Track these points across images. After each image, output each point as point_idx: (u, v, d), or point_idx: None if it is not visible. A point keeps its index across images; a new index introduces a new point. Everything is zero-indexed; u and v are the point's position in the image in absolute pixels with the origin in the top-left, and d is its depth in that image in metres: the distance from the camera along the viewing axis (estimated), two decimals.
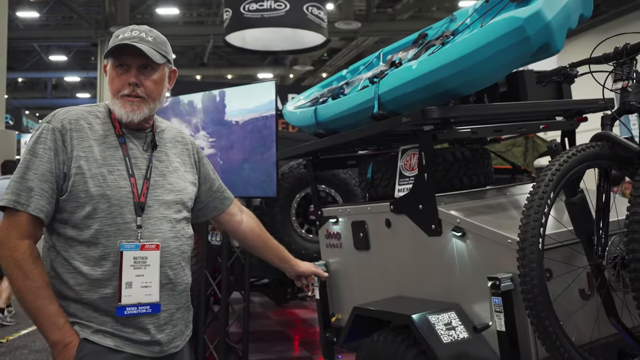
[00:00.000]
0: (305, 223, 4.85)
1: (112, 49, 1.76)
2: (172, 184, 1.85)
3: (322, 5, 11.75)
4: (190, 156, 1.98)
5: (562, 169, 1.92)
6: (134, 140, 1.83)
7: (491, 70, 2.30)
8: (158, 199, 1.80)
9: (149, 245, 1.73)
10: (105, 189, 1.71)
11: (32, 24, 24.95)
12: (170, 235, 1.80)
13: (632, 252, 1.74)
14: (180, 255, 1.83)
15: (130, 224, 1.73)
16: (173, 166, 1.89)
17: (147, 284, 1.73)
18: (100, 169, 1.73)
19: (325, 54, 24.59)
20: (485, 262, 2.33)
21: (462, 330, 2.36)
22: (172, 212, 1.82)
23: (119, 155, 1.77)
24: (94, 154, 1.73)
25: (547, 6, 2.12)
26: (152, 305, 1.74)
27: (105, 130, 1.79)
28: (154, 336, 1.75)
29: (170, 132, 1.96)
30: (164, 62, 1.82)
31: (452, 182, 2.77)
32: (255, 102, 4.11)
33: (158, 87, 1.81)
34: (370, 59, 3.42)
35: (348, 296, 3.20)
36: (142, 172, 1.79)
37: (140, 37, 1.77)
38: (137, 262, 1.72)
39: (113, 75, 1.78)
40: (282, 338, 6.16)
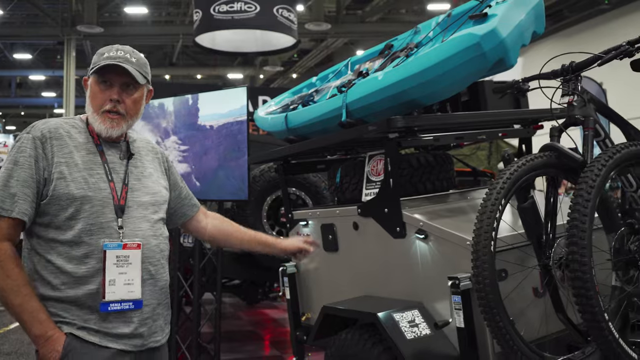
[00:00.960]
0: (276, 225, 4.95)
1: (100, 67, 1.85)
2: (148, 187, 1.96)
3: (292, 7, 11.84)
4: (160, 164, 2.09)
5: (513, 177, 2.08)
6: (111, 150, 1.93)
7: (451, 82, 2.45)
8: (136, 200, 1.90)
9: (131, 244, 1.83)
10: (87, 190, 1.81)
11: None
12: (150, 233, 1.90)
13: (571, 254, 1.91)
14: (160, 253, 1.93)
15: (111, 223, 1.82)
16: (148, 171, 2.00)
17: (130, 281, 1.82)
18: (81, 172, 1.82)
19: (296, 55, 24.65)
20: (446, 262, 2.47)
21: (424, 327, 2.49)
22: (150, 213, 1.93)
23: (98, 161, 1.88)
24: (74, 159, 1.83)
25: (502, 24, 2.28)
26: (134, 302, 1.83)
27: (83, 138, 1.89)
28: (136, 329, 1.83)
29: (141, 142, 2.08)
30: (145, 82, 1.94)
31: (416, 186, 2.90)
32: (227, 107, 4.20)
33: (137, 105, 1.94)
34: (339, 67, 3.55)
35: (317, 296, 3.32)
36: (120, 177, 1.90)
37: (125, 58, 1.88)
38: (120, 260, 1.80)
39: (96, 90, 1.88)
40: (253, 338, 6.25)
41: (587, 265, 1.87)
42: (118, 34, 23.80)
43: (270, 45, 12.57)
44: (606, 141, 2.34)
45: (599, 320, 1.88)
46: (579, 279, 1.88)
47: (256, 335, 6.40)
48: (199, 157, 4.33)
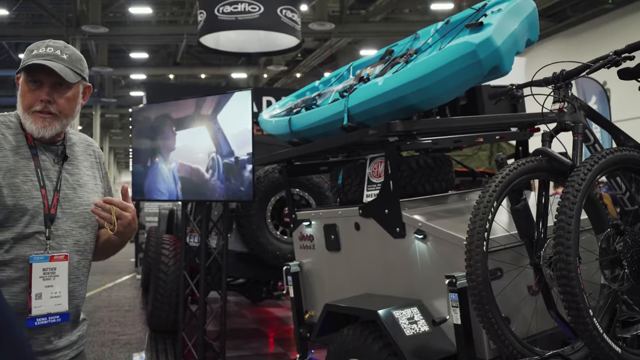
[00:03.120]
0: (279, 225, 5.06)
1: (26, 66, 1.75)
2: (82, 198, 1.85)
3: (296, 8, 11.90)
4: (99, 169, 1.99)
5: (505, 181, 2.17)
6: (46, 153, 1.82)
7: (448, 89, 2.54)
8: (67, 211, 1.80)
9: (58, 256, 1.74)
10: (19, 199, 1.70)
11: (1, 22, 24.56)
12: (75, 249, 1.81)
13: (558, 253, 2.00)
14: (81, 270, 1.84)
15: (38, 234, 1.73)
16: (83, 180, 1.89)
17: (57, 294, 1.74)
18: (14, 179, 1.71)
19: (299, 55, 24.73)
20: (443, 261, 2.56)
21: (423, 324, 2.59)
22: (79, 226, 1.83)
23: (32, 166, 1.76)
24: (9, 163, 1.72)
25: (497, 33, 2.37)
26: (61, 315, 1.75)
27: (17, 140, 1.77)
28: (40, 347, 1.73)
29: (82, 145, 1.96)
30: (79, 80, 1.82)
31: (415, 188, 2.99)
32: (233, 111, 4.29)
33: (71, 104, 1.81)
34: (341, 71, 3.64)
35: (320, 294, 3.41)
36: (52, 183, 1.79)
37: (55, 55, 1.76)
38: (47, 273, 1.72)
39: (25, 90, 1.77)
40: (257, 335, 6.35)
41: (572, 264, 1.96)
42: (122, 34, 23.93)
43: (274, 46, 12.63)
44: (595, 146, 2.42)
45: (584, 317, 1.97)
46: (565, 277, 1.97)
47: (260, 333, 6.50)
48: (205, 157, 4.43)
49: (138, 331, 6.33)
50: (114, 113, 33.07)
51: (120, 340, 5.90)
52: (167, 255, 5.58)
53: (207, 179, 4.42)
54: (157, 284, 5.55)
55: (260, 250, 4.97)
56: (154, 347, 5.68)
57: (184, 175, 4.55)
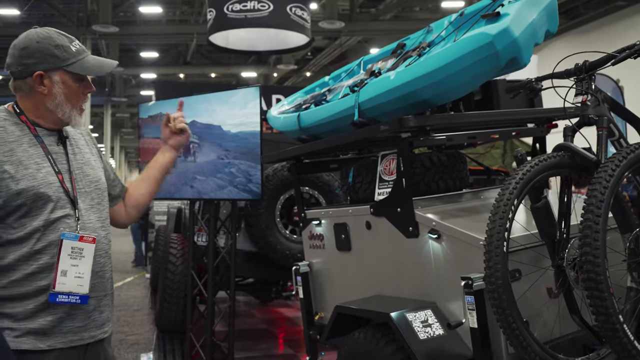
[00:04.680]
0: (289, 224, 4.97)
1: (89, 66, 1.85)
2: (90, 175, 1.92)
3: (306, 6, 11.83)
4: (93, 146, 2.04)
5: (526, 178, 2.07)
6: (49, 137, 1.86)
7: (463, 82, 2.44)
8: (82, 191, 1.87)
9: (87, 238, 1.81)
10: (38, 187, 1.75)
11: (12, 22, 24.66)
12: (99, 225, 1.89)
13: (585, 255, 1.89)
14: (107, 244, 1.92)
15: (67, 217, 1.79)
16: (86, 158, 1.95)
17: (80, 275, 1.79)
18: (27, 169, 1.75)
19: (309, 53, 24.66)
20: (459, 262, 2.46)
21: (437, 327, 2.49)
22: (96, 203, 1.91)
23: (41, 153, 1.81)
24: (17, 156, 1.76)
25: (515, 23, 2.26)
26: (81, 297, 1.80)
27: (19, 130, 1.81)
28: (84, 323, 1.83)
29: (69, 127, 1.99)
30: None
31: (429, 185, 2.89)
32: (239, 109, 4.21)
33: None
34: (352, 66, 3.54)
35: (330, 295, 3.32)
36: (64, 166, 1.85)
37: (87, 52, 1.89)
38: (74, 252, 1.77)
39: (74, 86, 1.85)
40: (266, 336, 6.28)
41: (600, 266, 1.85)
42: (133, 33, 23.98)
43: (283, 44, 12.56)
44: (620, 141, 2.31)
45: (613, 322, 1.86)
46: (593, 280, 1.86)
47: (270, 334, 6.43)
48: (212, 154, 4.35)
49: (146, 331, 6.28)
50: (125, 112, 33.18)
51: (128, 340, 5.85)
52: (175, 255, 5.51)
53: (215, 177, 4.34)
54: (165, 284, 5.49)
55: (269, 250, 4.89)
56: (161, 347, 5.62)
57: (190, 173, 4.48)
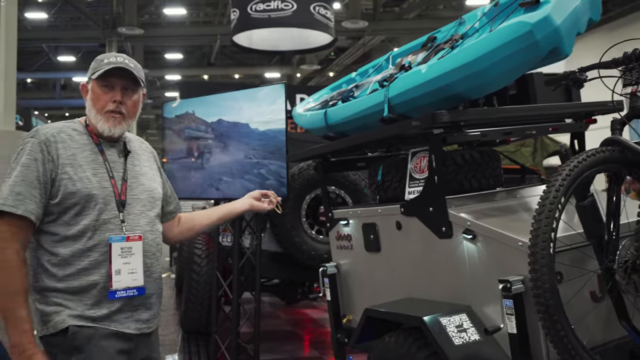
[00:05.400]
0: (315, 224, 4.88)
1: (106, 70, 1.99)
2: (145, 185, 2.11)
3: (329, 5, 11.75)
4: (154, 162, 2.25)
5: (573, 174, 1.94)
6: (110, 149, 2.08)
7: (500, 74, 2.32)
8: (135, 197, 2.06)
9: (133, 237, 1.99)
10: (92, 189, 1.95)
11: (40, 25, 25.06)
12: (148, 228, 2.07)
13: None
14: (156, 247, 2.10)
15: (114, 219, 1.98)
16: (144, 170, 2.15)
17: (133, 270, 1.99)
18: (85, 172, 1.96)
19: (333, 53, 24.59)
20: (496, 264, 2.35)
21: (473, 332, 2.37)
22: (147, 209, 2.09)
23: (100, 160, 2.02)
24: (78, 160, 1.97)
25: (556, 11, 2.14)
26: (138, 289, 2.00)
27: (84, 140, 2.03)
28: (132, 316, 2.00)
29: (136, 142, 2.22)
30: (142, 86, 2.09)
31: (462, 184, 2.78)
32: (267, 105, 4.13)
33: (135, 107, 2.09)
34: (380, 61, 3.44)
35: (359, 297, 3.23)
36: (120, 174, 2.05)
37: (125, 63, 2.02)
38: (124, 252, 1.97)
39: (99, 93, 2.02)
40: (292, 338, 6.20)
41: None
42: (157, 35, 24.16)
43: (307, 44, 12.52)
44: None
45: None
46: None
47: (296, 335, 6.35)
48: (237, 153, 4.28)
49: (171, 332, 6.25)
50: (150, 114, 33.48)
51: None
52: (200, 255, 5.46)
53: (242, 178, 4.27)
54: (189, 285, 5.44)
55: (295, 250, 4.81)
56: (187, 348, 5.58)
57: (216, 173, 4.42)
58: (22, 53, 26.21)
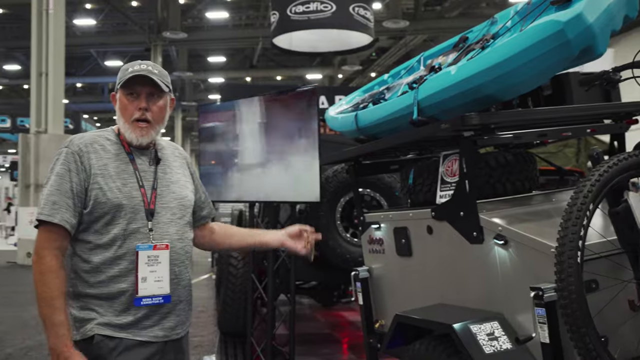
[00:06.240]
0: (350, 227, 4.84)
1: (128, 78, 2.02)
2: (175, 193, 2.13)
3: (369, 5, 11.71)
4: (187, 168, 2.26)
5: (603, 179, 1.86)
6: (141, 157, 2.11)
7: (531, 75, 2.25)
8: (164, 206, 2.08)
9: (160, 245, 2.02)
10: (121, 199, 1.99)
11: (88, 31, 25.79)
12: (176, 237, 2.09)
13: None
14: (185, 255, 2.12)
15: (142, 228, 2.01)
16: (175, 177, 2.17)
17: (159, 279, 2.01)
18: (115, 182, 2.01)
19: (374, 54, 24.49)
20: (528, 271, 2.27)
21: (505, 341, 2.30)
22: (177, 217, 2.11)
23: (130, 170, 2.06)
24: (109, 170, 2.02)
25: (589, 9, 2.05)
26: (164, 297, 2.03)
27: (116, 149, 2.08)
28: (160, 323, 2.03)
29: (169, 148, 2.24)
30: (167, 91, 2.10)
31: (495, 187, 2.71)
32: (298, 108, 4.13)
33: (162, 113, 2.11)
34: (412, 62, 3.39)
35: (391, 302, 3.18)
36: (150, 183, 2.08)
37: (148, 70, 2.05)
38: (151, 260, 2.00)
39: (125, 102, 2.06)
40: (329, 340, 6.18)
41: None
42: (201, 39, 24.55)
43: (346, 44, 12.52)
44: None
45: None
46: None
47: (332, 338, 6.32)
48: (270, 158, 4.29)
49: (210, 333, 6.31)
50: (194, 116, 34.05)
51: (192, 342, 5.88)
52: (236, 258, 5.50)
53: (274, 179, 4.28)
54: (226, 287, 5.49)
55: (329, 253, 4.79)
56: (224, 350, 5.62)
57: (251, 176, 4.44)
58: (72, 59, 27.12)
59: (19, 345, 5.82)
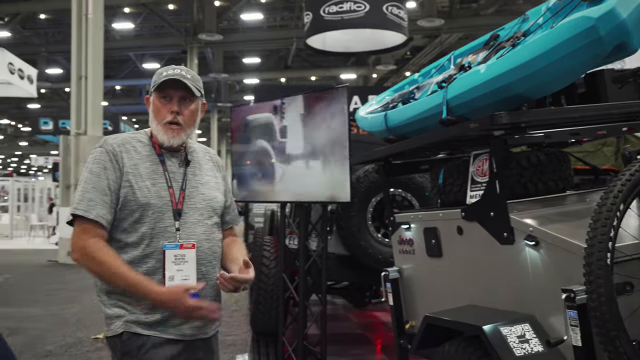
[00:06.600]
0: (381, 227, 4.82)
1: (161, 82, 2.07)
2: (204, 194, 2.16)
3: (402, 5, 11.62)
4: (218, 171, 2.29)
5: (634, 179, 1.81)
6: (171, 159, 2.14)
7: (562, 73, 2.20)
8: (192, 206, 2.11)
9: (186, 245, 2.04)
10: (150, 198, 2.03)
11: (127, 35, 26.31)
12: (204, 237, 2.10)
13: None
14: (212, 255, 2.12)
15: (170, 227, 2.04)
16: (205, 179, 2.20)
17: (186, 277, 2.02)
18: (145, 182, 2.05)
19: (408, 53, 24.33)
20: (560, 272, 2.23)
21: (536, 344, 2.26)
22: (205, 218, 2.13)
23: (160, 171, 2.10)
24: (139, 170, 2.06)
25: (622, 4, 2.00)
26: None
27: (147, 151, 2.12)
28: (188, 322, 2.03)
29: (201, 151, 2.27)
30: (199, 95, 2.13)
31: (526, 187, 2.66)
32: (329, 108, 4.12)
33: (193, 116, 2.14)
34: (442, 61, 3.36)
35: (421, 303, 3.16)
36: (179, 184, 2.11)
37: (181, 75, 2.08)
38: (177, 259, 2.01)
39: (158, 105, 2.11)
40: (361, 341, 6.16)
41: None
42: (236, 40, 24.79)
43: (380, 44, 12.46)
44: None
45: None
46: None
47: (365, 339, 6.30)
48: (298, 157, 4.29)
49: (243, 332, 6.36)
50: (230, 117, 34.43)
51: (225, 340, 5.94)
52: (269, 257, 5.52)
53: (304, 179, 4.28)
54: (258, 286, 5.51)
55: (361, 254, 4.77)
56: (256, 349, 5.66)
57: (282, 176, 4.45)
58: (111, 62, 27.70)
59: (59, 342, 5.96)
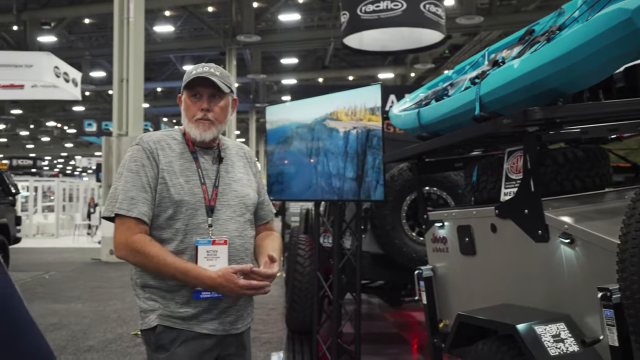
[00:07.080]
0: (416, 226, 4.79)
1: (190, 80, 2.10)
2: (237, 191, 2.18)
3: (440, 2, 11.51)
4: (251, 168, 2.31)
5: None
6: (205, 156, 2.17)
7: (597, 67, 2.15)
8: (225, 203, 2.13)
9: (219, 241, 2.06)
10: (183, 195, 2.06)
11: (167, 37, 26.76)
12: (236, 234, 2.12)
13: None
14: (244, 252, 2.14)
15: (203, 223, 2.06)
16: (238, 176, 2.21)
17: None
18: (178, 179, 2.08)
19: (447, 51, 24.08)
20: (596, 271, 2.18)
21: (571, 343, 2.22)
22: (237, 215, 2.15)
23: (193, 168, 2.12)
24: (174, 167, 2.09)
25: None
26: None
27: (181, 148, 2.15)
28: (219, 317, 2.07)
29: (234, 148, 2.30)
30: (229, 92, 2.15)
31: (562, 184, 2.61)
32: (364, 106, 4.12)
33: (224, 112, 2.16)
34: (476, 58, 3.32)
35: (455, 302, 3.13)
36: (212, 181, 2.13)
37: (210, 72, 2.11)
38: (210, 255, 2.04)
39: (189, 103, 2.14)
40: (396, 340, 6.13)
41: None
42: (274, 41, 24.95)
43: (417, 42, 12.35)
44: None
45: None
46: None
47: (400, 338, 6.27)
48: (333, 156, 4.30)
49: (279, 330, 6.40)
50: None
51: (261, 338, 6.00)
52: (303, 256, 5.55)
53: (340, 178, 4.29)
54: (293, 284, 5.55)
55: (395, 252, 4.75)
56: (291, 347, 5.69)
57: (316, 175, 4.47)
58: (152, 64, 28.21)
59: (100, 337, 6.11)
